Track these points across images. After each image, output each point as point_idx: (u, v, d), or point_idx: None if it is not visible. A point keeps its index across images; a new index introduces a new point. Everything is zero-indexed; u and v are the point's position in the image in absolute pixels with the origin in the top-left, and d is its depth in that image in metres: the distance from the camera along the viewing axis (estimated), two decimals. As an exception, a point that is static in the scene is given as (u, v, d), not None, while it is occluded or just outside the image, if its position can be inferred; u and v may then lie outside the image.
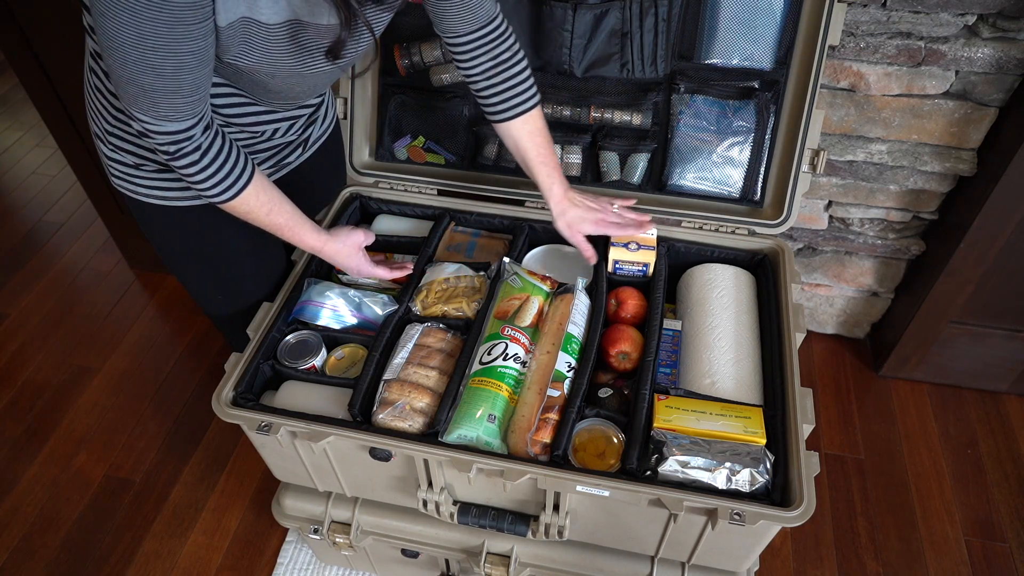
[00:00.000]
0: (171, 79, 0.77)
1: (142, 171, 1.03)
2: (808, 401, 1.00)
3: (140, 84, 0.77)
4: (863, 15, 1.31)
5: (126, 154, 1.01)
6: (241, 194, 0.95)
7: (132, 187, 1.05)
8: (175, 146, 0.86)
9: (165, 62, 0.75)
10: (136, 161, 1.02)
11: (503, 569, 1.15)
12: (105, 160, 1.06)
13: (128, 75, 0.76)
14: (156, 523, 1.60)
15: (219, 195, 0.94)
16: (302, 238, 1.06)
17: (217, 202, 0.95)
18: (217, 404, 1.01)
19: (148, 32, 0.72)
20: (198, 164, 0.89)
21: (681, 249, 1.26)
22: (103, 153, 1.04)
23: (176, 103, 0.81)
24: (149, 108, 0.81)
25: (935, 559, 1.53)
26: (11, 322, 2.07)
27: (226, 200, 0.95)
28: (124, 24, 0.71)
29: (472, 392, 1.01)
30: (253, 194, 0.97)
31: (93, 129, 1.05)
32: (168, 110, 0.81)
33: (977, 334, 1.69)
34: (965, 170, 1.48)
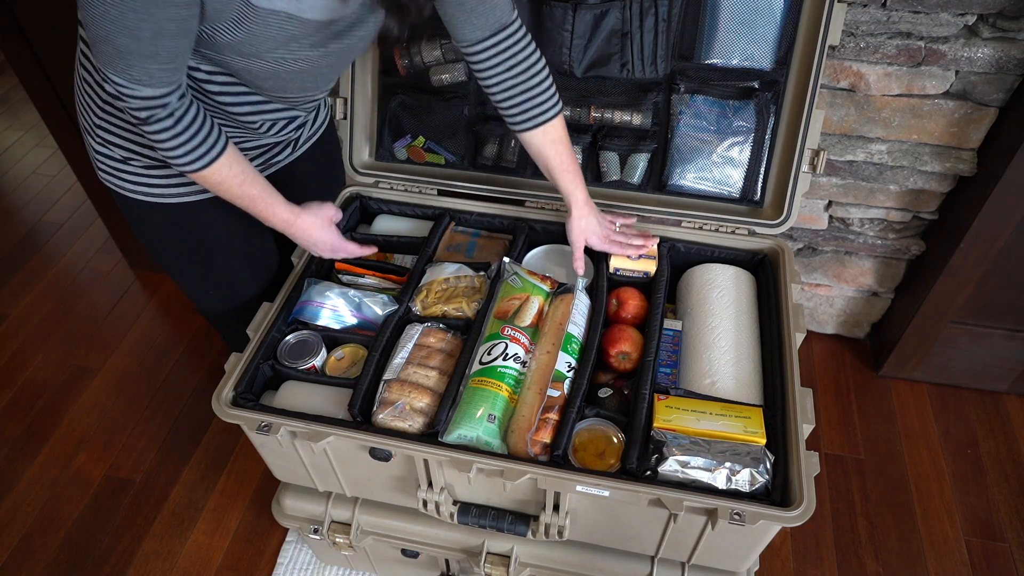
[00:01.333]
0: (149, 44, 0.76)
1: (131, 165, 1.02)
2: (808, 401, 1.00)
3: (116, 45, 0.76)
4: (863, 15, 1.31)
5: (114, 148, 1.00)
6: (215, 163, 0.93)
7: (119, 182, 1.04)
8: (147, 111, 0.85)
9: (143, 25, 0.74)
10: (124, 155, 1.01)
11: (503, 569, 1.15)
12: (93, 154, 1.05)
13: (104, 33, 0.75)
14: (156, 523, 1.60)
15: (191, 163, 0.91)
16: (274, 210, 1.04)
17: (189, 171, 0.93)
18: (217, 404, 1.01)
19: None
20: (171, 131, 0.87)
21: (681, 249, 1.26)
22: (91, 147, 1.04)
23: (152, 69, 0.79)
24: (123, 70, 0.79)
25: (935, 559, 1.53)
26: (11, 322, 2.07)
27: (199, 169, 0.93)
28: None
29: (472, 392, 1.01)
30: (226, 164, 0.95)
31: (81, 123, 1.04)
32: (143, 75, 0.80)
33: (977, 334, 1.69)
34: (965, 170, 1.48)
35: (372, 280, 1.23)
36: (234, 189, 0.98)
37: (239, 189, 0.99)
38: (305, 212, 1.09)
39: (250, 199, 1.01)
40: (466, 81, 1.28)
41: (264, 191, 1.02)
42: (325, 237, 1.13)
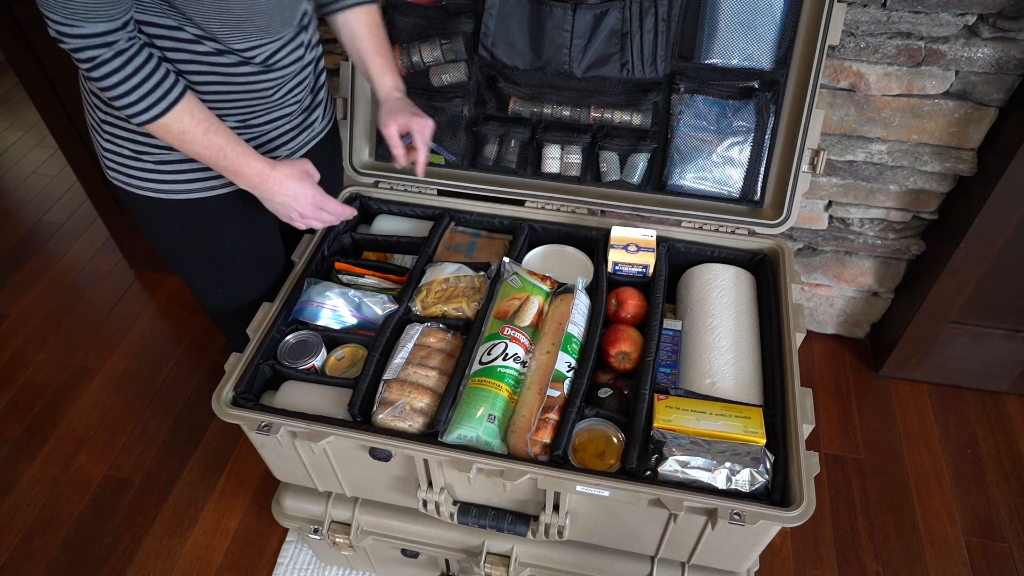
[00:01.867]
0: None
1: (141, 161, 1.00)
2: (808, 401, 1.00)
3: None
4: (863, 15, 1.31)
5: (123, 143, 0.98)
6: (173, 109, 0.87)
7: (129, 179, 1.02)
8: (92, 51, 0.80)
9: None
10: (133, 151, 0.99)
11: (503, 569, 1.15)
12: (100, 152, 1.02)
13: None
14: (156, 523, 1.60)
15: (148, 111, 0.86)
16: (247, 159, 0.96)
17: (146, 120, 0.87)
18: (217, 404, 1.01)
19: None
20: (119, 73, 0.82)
21: (681, 249, 1.26)
22: (98, 145, 1.01)
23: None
24: (61, 5, 0.75)
25: (935, 559, 1.53)
26: (11, 322, 2.07)
27: (157, 115, 0.86)
28: None
29: (472, 392, 1.01)
30: (186, 109, 0.88)
31: (88, 121, 1.02)
32: (79, 7, 0.76)
33: (977, 334, 1.69)
34: (965, 170, 1.48)
35: (372, 280, 1.23)
36: (199, 138, 0.91)
37: (204, 137, 0.92)
38: (280, 163, 1.01)
39: (218, 149, 0.93)
40: (466, 81, 1.28)
41: (232, 139, 0.95)
42: (306, 190, 1.03)
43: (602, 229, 1.26)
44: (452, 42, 1.25)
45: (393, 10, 1.26)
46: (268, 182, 0.99)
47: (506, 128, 1.29)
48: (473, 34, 1.24)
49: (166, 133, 0.90)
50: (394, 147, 1.16)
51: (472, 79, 1.29)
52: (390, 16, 1.26)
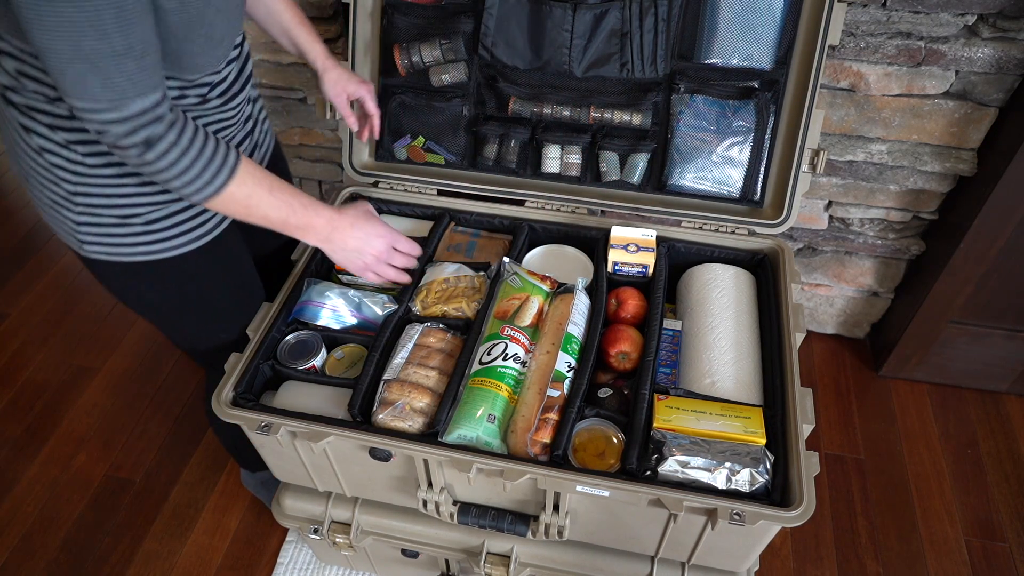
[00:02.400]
0: (118, 36, 0.67)
1: (128, 226, 0.90)
2: (808, 401, 1.00)
3: (85, 55, 0.67)
4: (863, 15, 1.31)
5: (103, 212, 0.89)
6: (236, 173, 0.82)
7: (113, 249, 0.93)
8: (146, 130, 0.74)
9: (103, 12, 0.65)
10: (118, 217, 0.89)
11: (503, 569, 1.15)
12: (71, 229, 0.91)
13: (71, 49, 0.66)
14: (156, 523, 1.60)
15: (211, 182, 0.81)
16: (316, 211, 0.91)
17: (210, 193, 0.81)
18: (217, 404, 1.01)
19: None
20: (176, 148, 0.77)
21: (681, 249, 1.26)
22: (68, 221, 0.90)
23: (130, 68, 0.70)
24: (103, 86, 0.70)
25: (935, 559, 1.53)
26: (11, 322, 2.07)
27: (222, 185, 0.81)
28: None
29: (472, 392, 1.01)
30: (247, 172, 0.83)
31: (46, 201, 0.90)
32: (124, 82, 0.71)
33: (977, 334, 1.69)
34: (965, 170, 1.48)
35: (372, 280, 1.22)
36: (266, 199, 0.86)
37: (271, 197, 0.86)
38: (344, 208, 0.96)
39: (287, 206, 0.88)
40: (466, 81, 1.28)
41: (296, 192, 0.89)
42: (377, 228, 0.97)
43: (602, 229, 1.26)
44: (452, 42, 1.25)
45: (393, 10, 1.26)
46: (339, 229, 0.95)
47: (506, 128, 1.29)
48: (473, 34, 1.24)
49: (232, 203, 0.84)
50: (347, 116, 1.18)
51: (472, 79, 1.29)
52: (390, 16, 1.26)
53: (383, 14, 1.27)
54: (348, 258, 0.97)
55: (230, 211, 0.86)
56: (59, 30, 0.65)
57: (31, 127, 0.84)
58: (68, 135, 0.84)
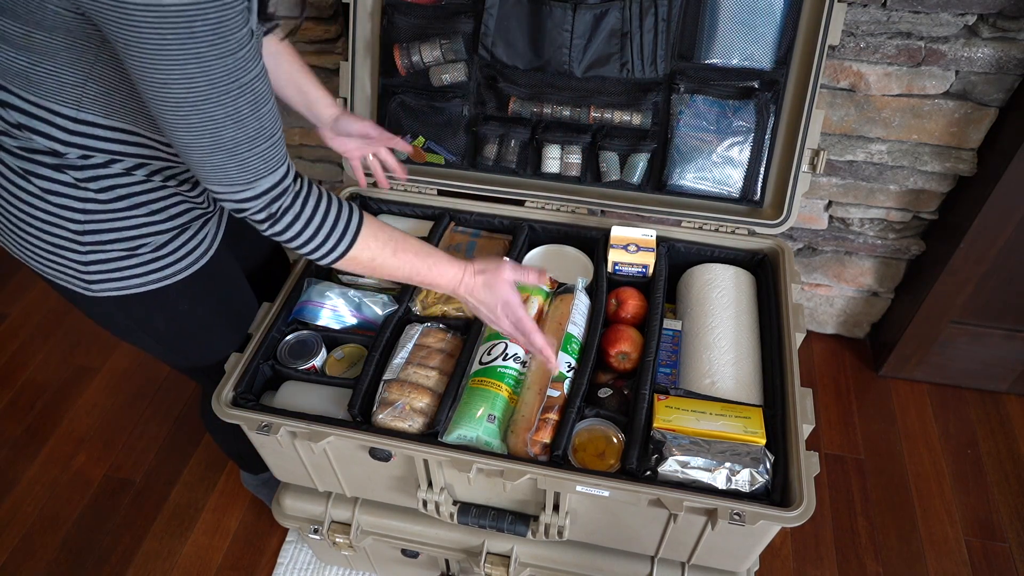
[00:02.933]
0: (251, 120, 0.70)
1: (136, 256, 0.90)
2: (808, 401, 1.00)
3: (224, 147, 0.69)
4: (863, 15, 1.31)
5: (111, 247, 0.88)
6: (360, 235, 0.83)
7: (122, 283, 0.91)
8: (276, 204, 0.76)
9: (240, 101, 0.68)
10: (127, 249, 0.89)
11: (503, 569, 1.15)
12: (77, 271, 0.89)
13: (212, 143, 0.69)
14: (156, 523, 1.60)
15: (337, 246, 0.82)
16: (440, 271, 0.90)
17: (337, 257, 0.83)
18: (217, 404, 1.01)
19: (217, 71, 0.65)
20: (302, 216, 0.78)
21: (681, 249, 1.26)
22: (73, 264, 0.89)
23: (262, 149, 0.73)
24: (238, 170, 0.72)
25: (935, 559, 1.53)
26: (11, 322, 2.07)
27: (347, 248, 0.82)
28: (193, 77, 0.64)
29: (472, 392, 1.01)
30: (370, 234, 0.84)
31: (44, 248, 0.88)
32: (257, 163, 0.73)
33: (977, 334, 1.69)
34: (965, 170, 1.48)
35: (372, 280, 1.22)
36: (389, 260, 0.86)
37: (394, 258, 0.87)
38: (475, 264, 0.94)
39: (410, 266, 0.88)
40: (466, 81, 1.28)
41: (420, 251, 0.89)
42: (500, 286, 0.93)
43: (602, 229, 1.26)
44: (452, 42, 1.25)
45: (393, 10, 1.26)
46: (465, 286, 0.93)
47: (506, 128, 1.29)
48: (473, 34, 1.24)
49: (356, 264, 0.85)
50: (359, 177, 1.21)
51: (472, 79, 1.29)
52: (390, 16, 1.26)
53: (383, 14, 1.27)
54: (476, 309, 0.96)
55: (355, 270, 0.87)
56: (202, 128, 0.68)
57: (32, 171, 0.81)
58: (78, 173, 0.82)
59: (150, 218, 0.89)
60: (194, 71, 0.63)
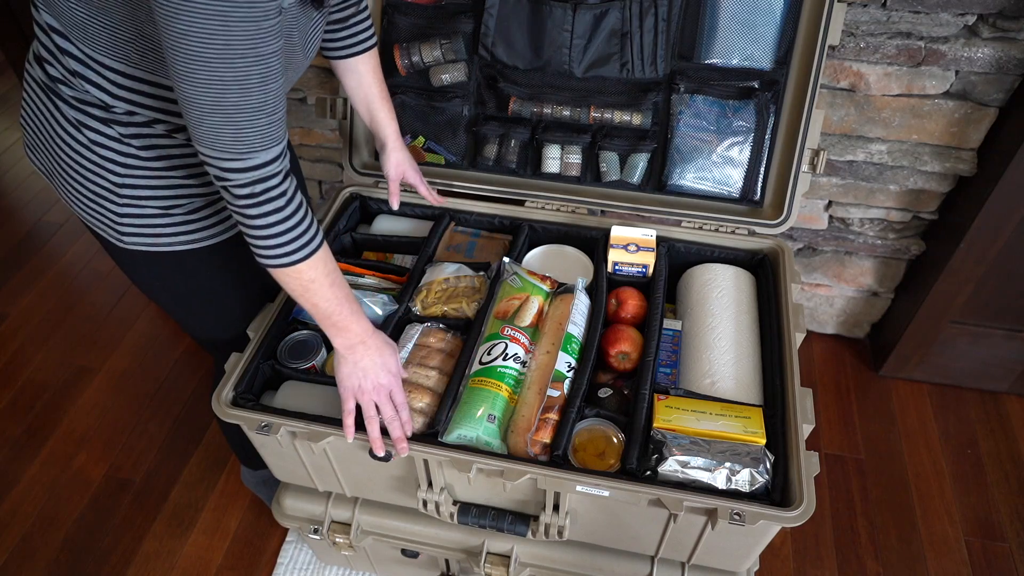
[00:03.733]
0: (258, 92, 0.71)
1: (170, 216, 0.93)
2: (808, 401, 1.00)
3: (224, 109, 0.70)
4: (863, 15, 1.31)
5: (146, 203, 0.91)
6: (315, 254, 0.84)
7: (154, 239, 0.94)
8: (261, 184, 0.77)
9: (251, 71, 0.69)
10: (161, 208, 0.92)
11: (503, 569, 1.15)
12: (112, 221, 0.93)
13: (213, 103, 0.69)
14: (156, 523, 1.60)
15: (291, 254, 0.82)
16: (358, 319, 0.92)
17: (284, 263, 0.82)
18: (217, 404, 1.01)
19: (237, 34, 0.66)
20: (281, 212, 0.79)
21: (681, 249, 1.26)
22: (111, 214, 0.92)
23: (262, 123, 0.73)
24: (234, 139, 0.72)
25: (935, 559, 1.53)
26: (11, 322, 2.07)
27: (298, 260, 0.82)
28: (213, 34, 0.65)
29: (472, 392, 1.01)
30: (323, 257, 0.85)
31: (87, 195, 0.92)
32: (255, 136, 0.73)
33: (977, 334, 1.69)
34: (965, 170, 1.48)
35: (372, 280, 1.22)
36: (323, 289, 0.87)
37: (328, 290, 0.87)
38: (378, 331, 0.98)
39: (337, 302, 0.89)
40: (466, 81, 1.28)
41: (350, 295, 0.91)
42: (392, 364, 0.97)
43: (602, 229, 1.26)
44: (452, 42, 1.25)
45: (393, 10, 1.26)
46: (366, 344, 0.94)
47: (506, 128, 1.29)
48: (473, 34, 1.25)
49: (294, 279, 0.85)
50: (394, 195, 1.25)
51: (472, 79, 1.29)
52: (390, 16, 1.27)
53: (383, 14, 1.27)
54: (352, 372, 0.95)
55: (288, 285, 0.87)
56: (208, 85, 0.68)
57: (83, 122, 0.86)
58: (124, 129, 0.86)
59: (187, 180, 0.93)
60: (215, 27, 0.64)
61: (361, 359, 0.94)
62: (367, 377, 0.94)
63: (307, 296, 0.87)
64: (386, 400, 0.95)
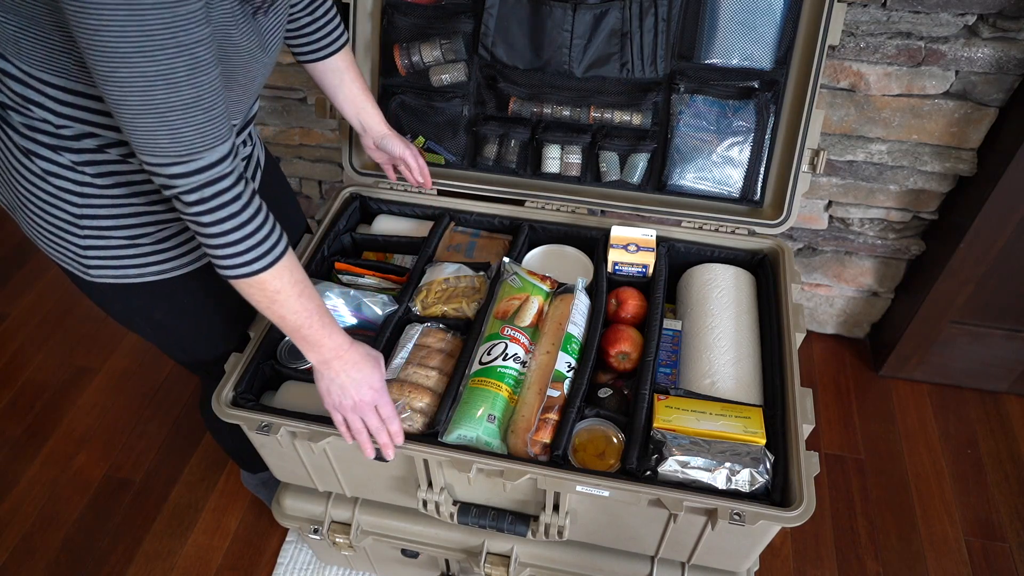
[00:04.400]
0: (187, 86, 0.66)
1: (137, 247, 0.89)
2: (808, 401, 1.00)
3: (155, 107, 0.66)
4: (863, 15, 1.31)
5: (110, 234, 0.87)
6: (279, 262, 0.79)
7: (121, 271, 0.90)
8: (211, 188, 0.72)
9: (176, 63, 0.64)
10: (127, 238, 0.87)
11: (503, 569, 1.15)
12: (76, 254, 0.88)
13: (141, 102, 0.65)
14: (156, 523, 1.60)
15: (253, 262, 0.77)
16: (331, 332, 0.87)
17: (246, 272, 0.78)
18: (217, 404, 1.01)
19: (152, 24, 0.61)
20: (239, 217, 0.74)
21: (681, 249, 1.26)
22: (72, 247, 0.88)
23: (199, 120, 0.69)
24: (171, 140, 0.68)
25: (935, 559, 1.53)
26: (11, 322, 2.07)
27: (261, 269, 0.78)
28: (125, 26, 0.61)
29: (472, 392, 1.01)
30: (288, 266, 0.80)
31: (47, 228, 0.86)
32: (193, 135, 0.69)
33: (977, 334, 1.69)
34: (965, 170, 1.48)
35: (372, 280, 1.23)
36: (291, 301, 0.82)
37: (296, 301, 0.82)
38: (358, 343, 0.92)
39: (307, 314, 0.84)
40: (466, 81, 1.28)
41: (321, 306, 0.86)
42: (375, 378, 0.92)
43: (602, 229, 1.26)
44: (452, 42, 1.25)
45: (393, 10, 1.26)
46: (343, 359, 0.89)
47: (506, 128, 1.29)
48: (473, 34, 1.24)
49: (259, 290, 0.80)
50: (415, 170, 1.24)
51: (472, 79, 1.29)
52: (390, 16, 1.26)
53: (383, 14, 1.27)
54: (331, 388, 0.91)
55: (253, 298, 0.82)
56: (132, 83, 0.64)
57: (33, 150, 0.82)
58: (74, 156, 0.82)
59: (151, 207, 0.88)
60: (127, 19, 0.60)
61: (338, 375, 0.90)
62: (346, 394, 0.91)
63: (274, 309, 0.82)
64: (371, 413, 0.92)
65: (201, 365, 1.13)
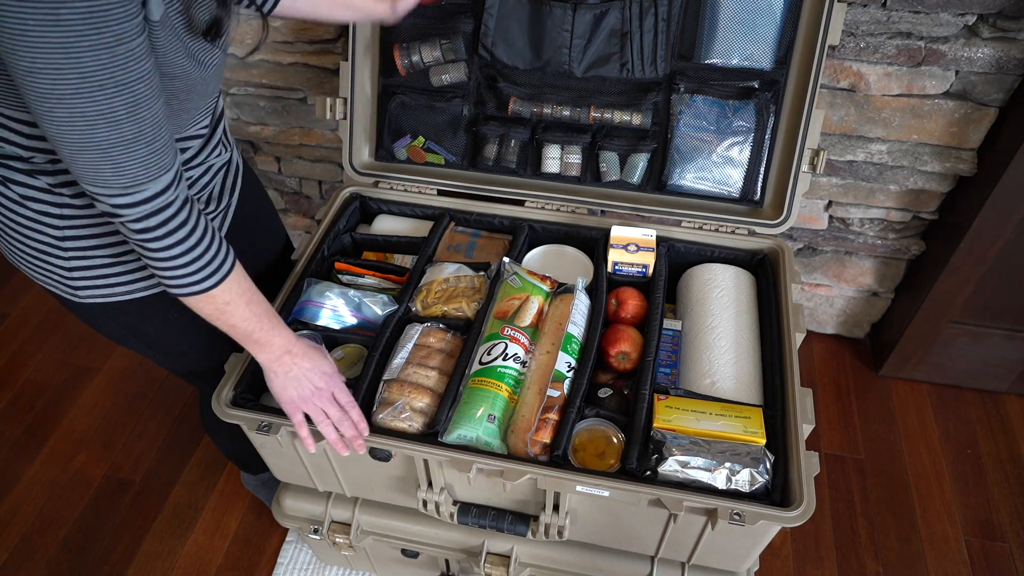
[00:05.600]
0: (128, 123, 0.65)
1: (122, 264, 0.88)
2: (808, 401, 1.00)
3: (96, 144, 0.65)
4: (863, 15, 1.31)
5: (94, 254, 0.87)
6: (229, 276, 0.80)
7: (110, 290, 0.90)
8: (156, 217, 0.72)
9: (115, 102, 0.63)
10: (111, 257, 0.87)
11: (503, 569, 1.15)
12: (62, 276, 0.88)
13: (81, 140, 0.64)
14: (156, 523, 1.60)
15: (203, 281, 0.78)
16: (279, 331, 0.90)
17: (197, 291, 0.79)
18: (217, 404, 1.01)
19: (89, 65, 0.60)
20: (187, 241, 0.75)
21: (681, 249, 1.26)
22: (58, 269, 0.88)
23: (141, 154, 0.68)
24: (114, 173, 0.67)
25: (935, 559, 1.53)
26: (11, 322, 2.07)
27: (211, 287, 0.79)
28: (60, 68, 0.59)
29: (472, 392, 1.01)
30: (237, 278, 0.82)
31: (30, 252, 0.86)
32: (136, 168, 0.68)
33: (977, 334, 1.69)
34: (965, 170, 1.48)
35: (372, 280, 1.23)
36: (240, 309, 0.83)
37: (246, 308, 0.84)
38: (300, 337, 0.95)
39: (256, 319, 0.86)
40: (466, 81, 1.28)
41: (269, 308, 0.88)
42: (324, 363, 0.95)
43: (602, 229, 1.26)
44: (452, 42, 1.25)
45: (393, 10, 1.26)
46: (291, 353, 0.91)
47: (506, 128, 1.29)
48: (473, 34, 1.24)
49: (209, 304, 0.82)
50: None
51: (472, 79, 1.29)
52: (390, 16, 1.26)
53: (383, 14, 1.27)
54: (287, 384, 0.93)
55: (203, 311, 0.83)
56: (71, 122, 0.63)
57: (9, 176, 0.81)
58: (51, 179, 0.81)
59: None
60: (62, 62, 0.59)
61: (290, 369, 0.92)
62: (302, 385, 0.92)
63: (224, 318, 0.84)
64: (330, 402, 0.94)
65: (197, 375, 1.13)
